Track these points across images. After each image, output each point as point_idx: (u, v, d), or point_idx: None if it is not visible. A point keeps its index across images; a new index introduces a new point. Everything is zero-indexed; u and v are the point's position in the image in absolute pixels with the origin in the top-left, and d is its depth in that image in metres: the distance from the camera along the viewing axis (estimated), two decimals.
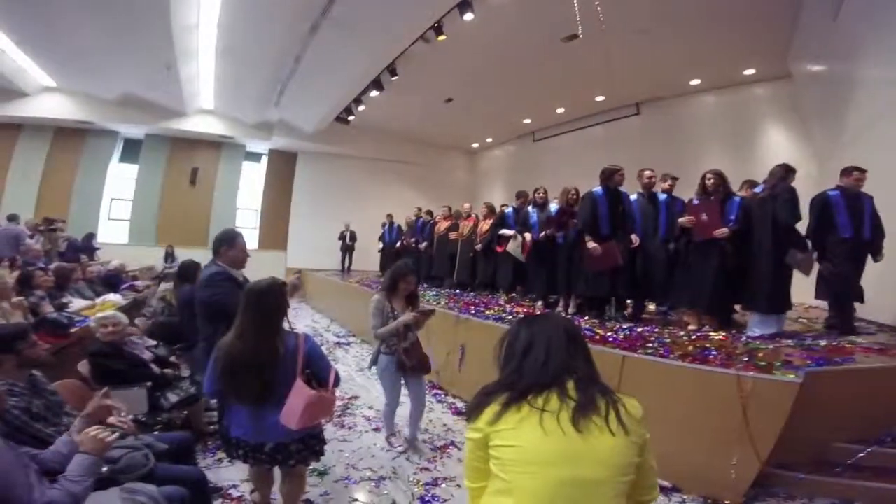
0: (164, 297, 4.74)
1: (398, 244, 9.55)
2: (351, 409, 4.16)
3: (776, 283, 3.94)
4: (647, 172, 4.94)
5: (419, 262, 8.04)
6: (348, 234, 11.86)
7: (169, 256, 11.00)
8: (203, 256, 3.51)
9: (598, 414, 1.07)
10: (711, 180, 4.16)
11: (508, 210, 6.54)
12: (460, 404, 4.21)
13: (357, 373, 5.31)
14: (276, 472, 2.34)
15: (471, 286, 7.13)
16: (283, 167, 13.23)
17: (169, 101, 10.40)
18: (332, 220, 12.18)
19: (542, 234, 5.23)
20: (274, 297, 2.04)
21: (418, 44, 7.38)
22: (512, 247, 5.72)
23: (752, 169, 5.79)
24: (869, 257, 4.12)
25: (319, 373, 2.08)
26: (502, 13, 6.58)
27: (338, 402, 4.25)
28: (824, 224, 4.13)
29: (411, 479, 2.97)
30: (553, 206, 5.49)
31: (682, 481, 2.84)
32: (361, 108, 10.23)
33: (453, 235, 7.74)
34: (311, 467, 2.88)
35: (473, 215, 7.65)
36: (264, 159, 13.26)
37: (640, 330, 4.04)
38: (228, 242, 2.75)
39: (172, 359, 3.65)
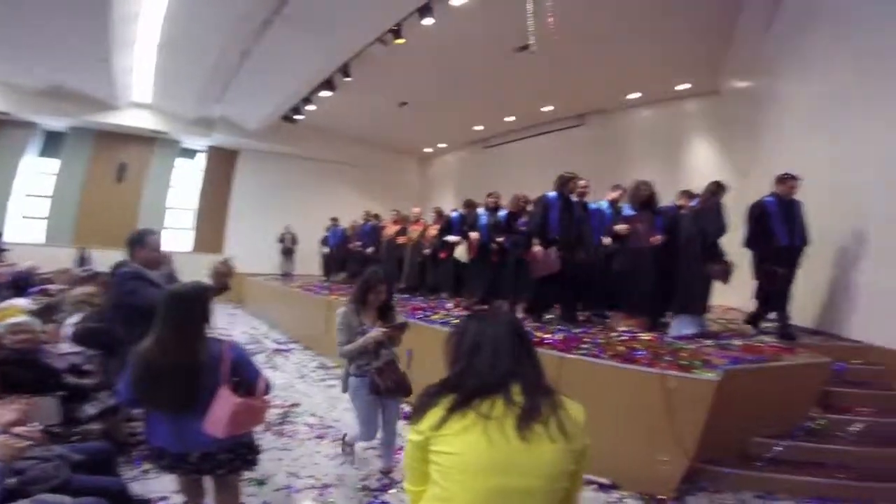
0: (85, 301, 4.42)
1: (343, 248, 9.44)
2: (291, 417, 4.07)
3: (701, 289, 4.40)
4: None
5: (365, 265, 8.00)
6: (289, 237, 11.53)
7: (84, 260, 10.13)
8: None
9: (542, 421, 1.07)
10: (647, 191, 4.56)
11: (455, 215, 6.65)
12: (408, 408, 4.21)
13: (298, 380, 5.20)
14: (210, 482, 2.28)
15: (419, 290, 7.21)
16: (222, 165, 12.67)
17: (99, 94, 9.71)
18: (273, 222, 11.78)
19: (493, 243, 5.41)
20: (195, 301, 1.99)
21: (375, 45, 7.39)
22: (459, 252, 5.85)
23: (681, 179, 6.32)
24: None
25: (248, 380, 2.05)
26: (461, 20, 6.70)
27: (277, 410, 4.13)
28: (762, 231, 4.34)
29: (359, 485, 2.95)
30: (503, 213, 5.67)
31: (619, 479, 2.99)
32: (311, 107, 10.06)
33: (402, 240, 7.76)
34: (248, 477, 2.79)
35: (422, 220, 7.72)
36: (201, 156, 12.67)
37: (576, 331, 4.23)
38: (139, 242, 2.68)
39: (89, 366, 3.43)
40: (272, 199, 12.68)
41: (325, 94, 9.13)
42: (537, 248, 4.53)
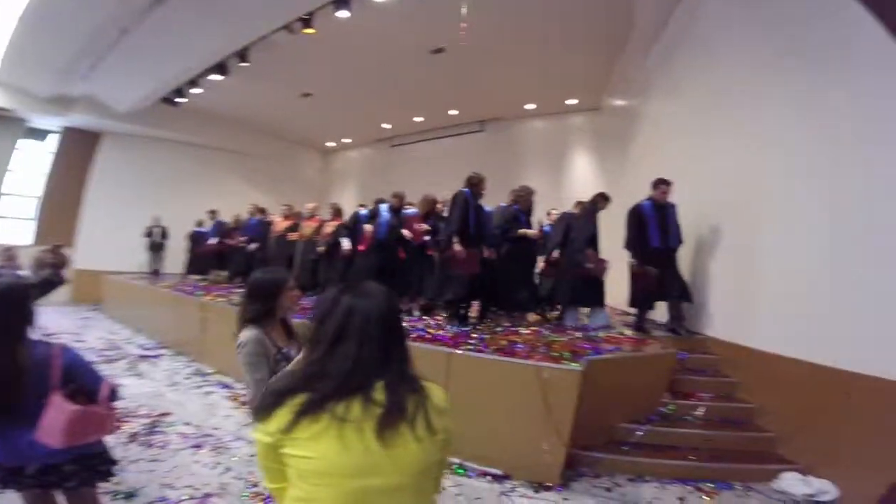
0: None
1: (216, 242, 8.83)
2: (161, 427, 3.77)
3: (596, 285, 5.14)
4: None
5: (251, 262, 7.60)
6: (158, 231, 10.33)
7: None
8: None
9: (405, 419, 1.02)
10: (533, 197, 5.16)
11: (364, 212, 6.47)
12: None
13: (169, 388, 4.77)
14: (62, 497, 2.08)
15: (311, 289, 7.03)
16: (80, 148, 10.93)
17: None
18: (141, 213, 10.47)
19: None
20: (12, 300, 1.81)
21: (280, 33, 7.05)
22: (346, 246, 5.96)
23: (564, 186, 7.12)
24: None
25: (87, 386, 1.90)
26: (378, 16, 6.67)
27: (145, 420, 3.82)
28: (639, 233, 4.74)
29: (244, 493, 2.82)
30: (411, 212, 5.83)
31: (510, 468, 3.20)
32: (197, 90, 9.22)
33: (293, 236, 7.44)
34: (113, 490, 2.63)
35: (318, 216, 7.50)
36: (53, 138, 10.96)
37: (467, 328, 4.46)
38: None
39: None
40: (141, 188, 11.20)
41: (215, 77, 8.45)
42: (458, 248, 4.62)
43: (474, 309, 5.25)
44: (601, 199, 5.34)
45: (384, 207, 5.96)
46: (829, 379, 3.09)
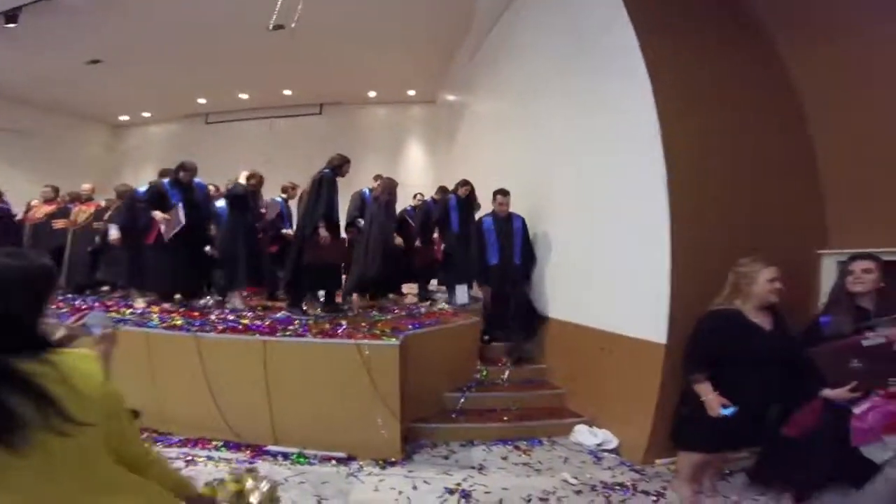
0: None
1: None
2: None
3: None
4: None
5: None
6: None
7: None
8: None
9: (28, 426, 0.85)
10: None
11: (142, 190, 5.36)
12: None
13: None
14: None
15: (90, 289, 6.11)
16: None
17: None
18: None
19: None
20: None
21: None
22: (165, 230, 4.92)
23: (400, 175, 7.70)
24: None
25: None
26: None
27: None
28: (481, 249, 4.84)
29: None
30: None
31: (354, 450, 3.38)
32: None
33: (59, 224, 6.33)
34: None
35: (98, 199, 6.48)
36: None
37: (284, 314, 4.48)
38: None
39: None
40: None
41: None
42: (325, 233, 4.48)
43: (338, 296, 5.26)
44: (445, 193, 6.02)
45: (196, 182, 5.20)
46: (596, 339, 3.94)
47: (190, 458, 3.39)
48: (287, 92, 10.51)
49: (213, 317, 4.28)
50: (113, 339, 1.57)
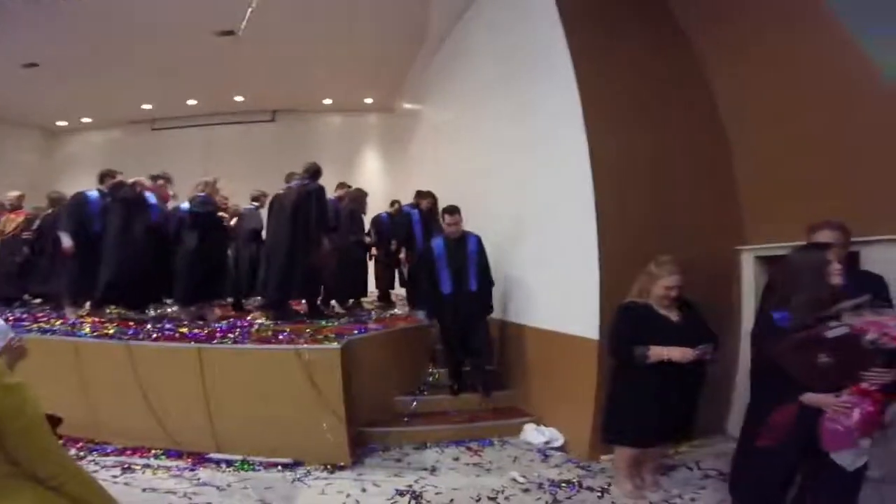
0: None
1: None
2: None
3: None
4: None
5: None
6: None
7: None
8: None
9: None
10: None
11: (93, 194, 5.15)
12: None
13: None
14: None
15: (16, 300, 5.88)
16: None
17: None
18: None
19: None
20: None
21: None
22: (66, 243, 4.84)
23: (354, 182, 7.73)
24: None
25: None
26: None
27: None
28: (432, 278, 4.39)
29: None
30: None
31: (302, 455, 3.40)
32: None
33: None
34: None
35: (27, 207, 6.27)
36: None
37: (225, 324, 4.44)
38: None
39: None
40: None
41: None
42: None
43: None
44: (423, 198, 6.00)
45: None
46: (539, 338, 4.16)
47: (127, 466, 3.32)
48: (238, 98, 10.38)
49: (148, 325, 4.20)
50: (20, 350, 1.59)
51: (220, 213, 5.28)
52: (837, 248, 2.26)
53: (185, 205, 4.95)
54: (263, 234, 5.59)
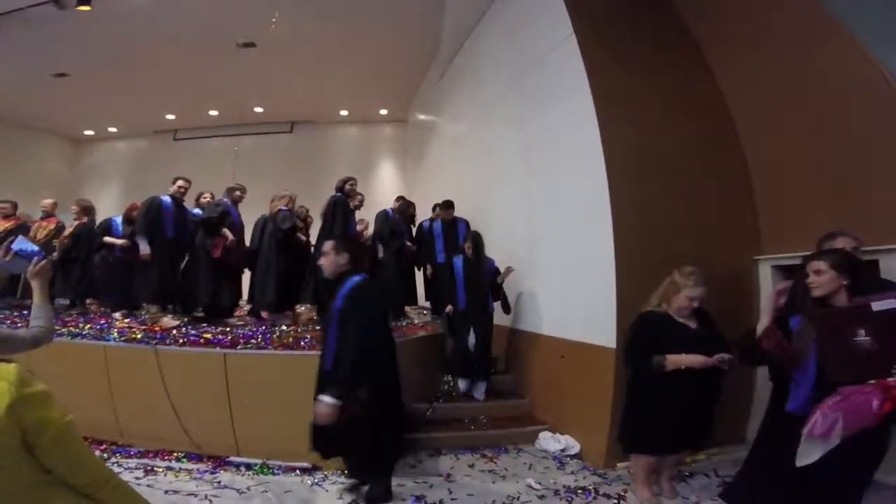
0: None
1: None
2: None
3: None
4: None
5: None
6: None
7: None
8: None
9: None
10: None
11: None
12: None
13: None
14: None
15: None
16: None
17: None
18: None
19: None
20: None
21: (48, 6, 6.06)
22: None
23: (370, 194, 7.91)
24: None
25: None
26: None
27: None
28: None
29: None
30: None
31: (318, 460, 3.33)
32: None
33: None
34: None
35: (56, 216, 6.37)
36: None
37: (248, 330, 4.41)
38: None
39: None
40: None
41: None
42: None
43: None
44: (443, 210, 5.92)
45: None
46: (555, 347, 4.16)
47: (150, 468, 3.39)
48: (258, 109, 10.61)
49: (174, 331, 4.28)
50: (44, 270, 1.79)
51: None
52: (828, 261, 2.20)
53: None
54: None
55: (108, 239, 5.59)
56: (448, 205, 5.73)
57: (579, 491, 3.18)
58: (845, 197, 3.01)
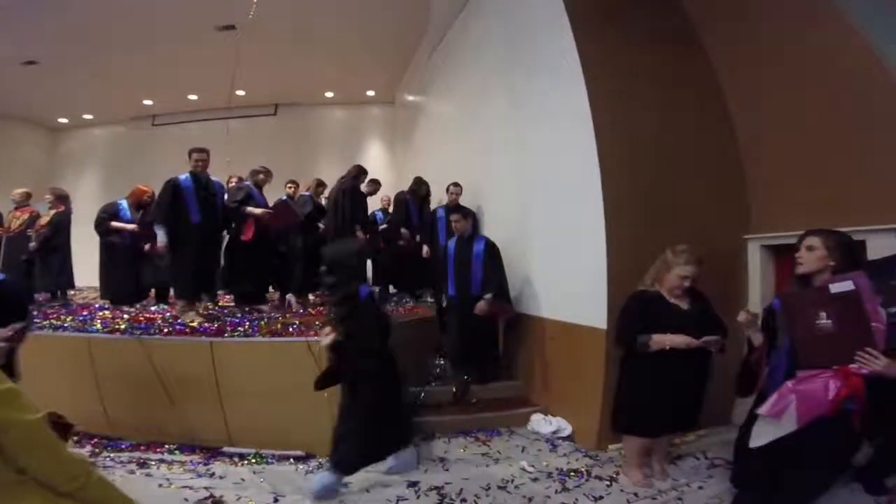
0: None
1: None
2: None
3: None
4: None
5: None
6: None
7: None
8: None
9: None
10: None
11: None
12: None
13: None
14: None
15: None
16: None
17: None
18: None
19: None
20: None
21: None
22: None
23: None
24: None
25: None
26: None
27: None
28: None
29: None
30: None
31: (313, 448, 3.42)
32: None
33: None
34: None
35: (32, 206, 6.26)
36: None
37: (237, 318, 4.43)
38: None
39: None
40: None
41: None
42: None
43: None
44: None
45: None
46: (546, 328, 4.20)
47: (142, 461, 3.37)
48: (240, 93, 10.38)
49: (159, 320, 4.22)
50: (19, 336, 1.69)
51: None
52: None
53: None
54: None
55: (116, 224, 5.41)
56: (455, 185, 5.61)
57: (572, 473, 3.22)
58: (835, 177, 3.03)
